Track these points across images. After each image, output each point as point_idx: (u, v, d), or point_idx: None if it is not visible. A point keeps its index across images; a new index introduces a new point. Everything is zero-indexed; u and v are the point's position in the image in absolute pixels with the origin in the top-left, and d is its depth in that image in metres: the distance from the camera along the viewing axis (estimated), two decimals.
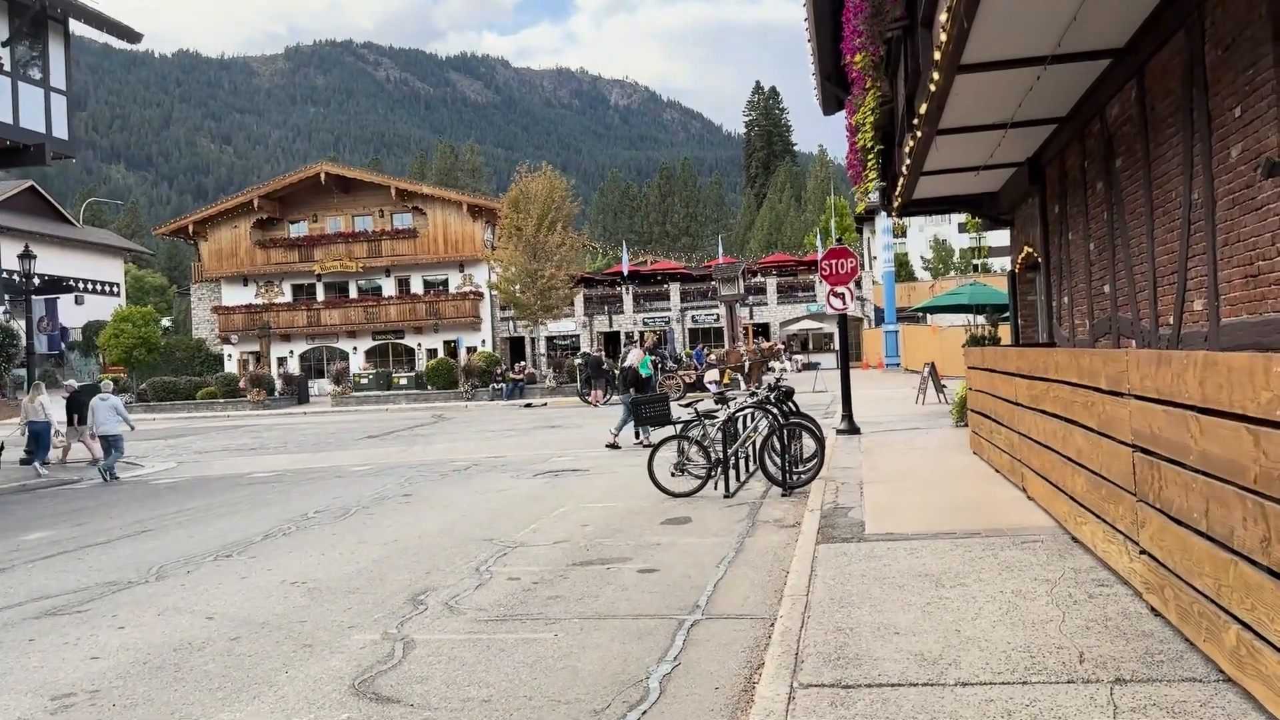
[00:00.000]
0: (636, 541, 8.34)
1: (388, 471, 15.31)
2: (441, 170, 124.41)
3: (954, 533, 7.20)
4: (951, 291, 27.57)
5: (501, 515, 10.18)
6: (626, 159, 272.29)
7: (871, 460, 12.04)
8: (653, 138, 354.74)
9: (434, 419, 29.23)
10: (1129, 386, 4.87)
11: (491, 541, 8.71)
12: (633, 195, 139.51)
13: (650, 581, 6.89)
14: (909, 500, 8.88)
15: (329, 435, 24.82)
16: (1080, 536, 6.32)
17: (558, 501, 10.92)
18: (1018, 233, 15.17)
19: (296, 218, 53.84)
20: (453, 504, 11.22)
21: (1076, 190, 10.93)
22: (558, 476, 13.29)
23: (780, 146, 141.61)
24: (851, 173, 15.89)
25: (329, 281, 52.97)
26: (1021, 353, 8.25)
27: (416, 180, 62.45)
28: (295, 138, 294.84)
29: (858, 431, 15.60)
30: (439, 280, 51.80)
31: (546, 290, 38.98)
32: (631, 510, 10.01)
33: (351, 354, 52.46)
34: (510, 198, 40.16)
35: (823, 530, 7.70)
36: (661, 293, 53.13)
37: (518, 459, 16.08)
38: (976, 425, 11.44)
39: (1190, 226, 7.32)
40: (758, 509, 9.77)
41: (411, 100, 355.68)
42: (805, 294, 50.27)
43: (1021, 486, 8.52)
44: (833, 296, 15.89)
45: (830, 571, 6.27)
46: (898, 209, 15.60)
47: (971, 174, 13.43)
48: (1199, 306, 7.25)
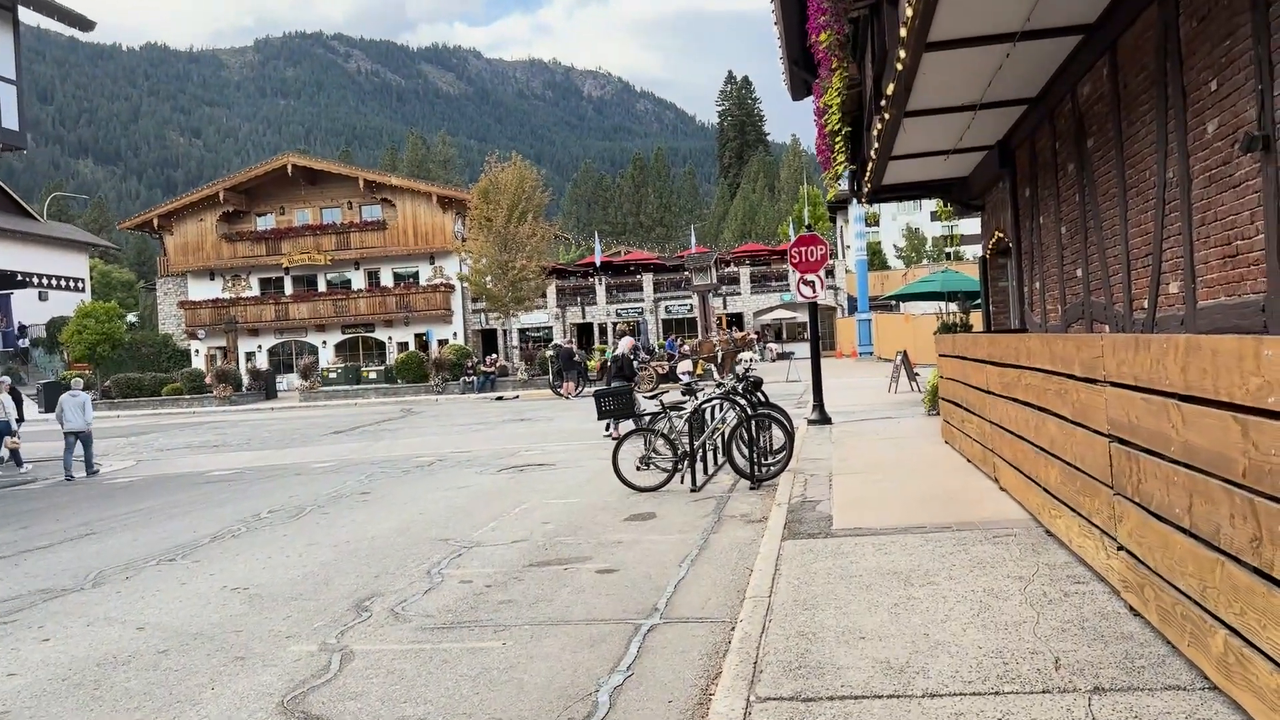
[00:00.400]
0: (597, 540, 8.02)
1: (349, 468, 14.91)
2: (413, 162, 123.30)
3: (924, 527, 6.93)
4: (923, 279, 27.39)
5: (461, 513, 9.83)
6: (600, 150, 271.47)
7: (842, 450, 11.78)
8: (626, 129, 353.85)
9: (402, 413, 28.76)
10: (1105, 373, 4.59)
11: (447, 541, 8.37)
12: (606, 186, 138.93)
13: (609, 583, 6.58)
14: (879, 492, 8.62)
15: (294, 431, 24.33)
16: (1054, 530, 6.06)
17: (520, 498, 10.58)
18: (988, 218, 14.95)
19: (263, 210, 53.02)
20: (412, 502, 10.86)
21: (1047, 173, 10.70)
22: (523, 471, 12.95)
23: (753, 136, 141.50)
24: (821, 158, 15.61)
25: (297, 275, 52.22)
26: (993, 339, 7.99)
27: (386, 172, 61.54)
28: (265, 130, 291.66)
29: (829, 421, 15.35)
30: (409, 273, 51.17)
31: (518, 282, 38.49)
32: (595, 506, 9.69)
33: (321, 348, 51.77)
34: (480, 188, 39.63)
35: (789, 525, 7.41)
36: (634, 283, 52.75)
37: (484, 453, 15.72)
38: (948, 414, 11.20)
39: (1165, 206, 7.08)
40: (725, 503, 9.48)
41: (383, 92, 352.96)
42: (779, 283, 50.07)
43: (994, 477, 8.27)
44: (802, 284, 15.62)
45: (795, 570, 5.97)
46: (867, 195, 15.34)
47: (941, 159, 13.18)
48: (1175, 289, 7.01)
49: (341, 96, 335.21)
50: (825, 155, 15.23)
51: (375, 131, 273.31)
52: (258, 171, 52.39)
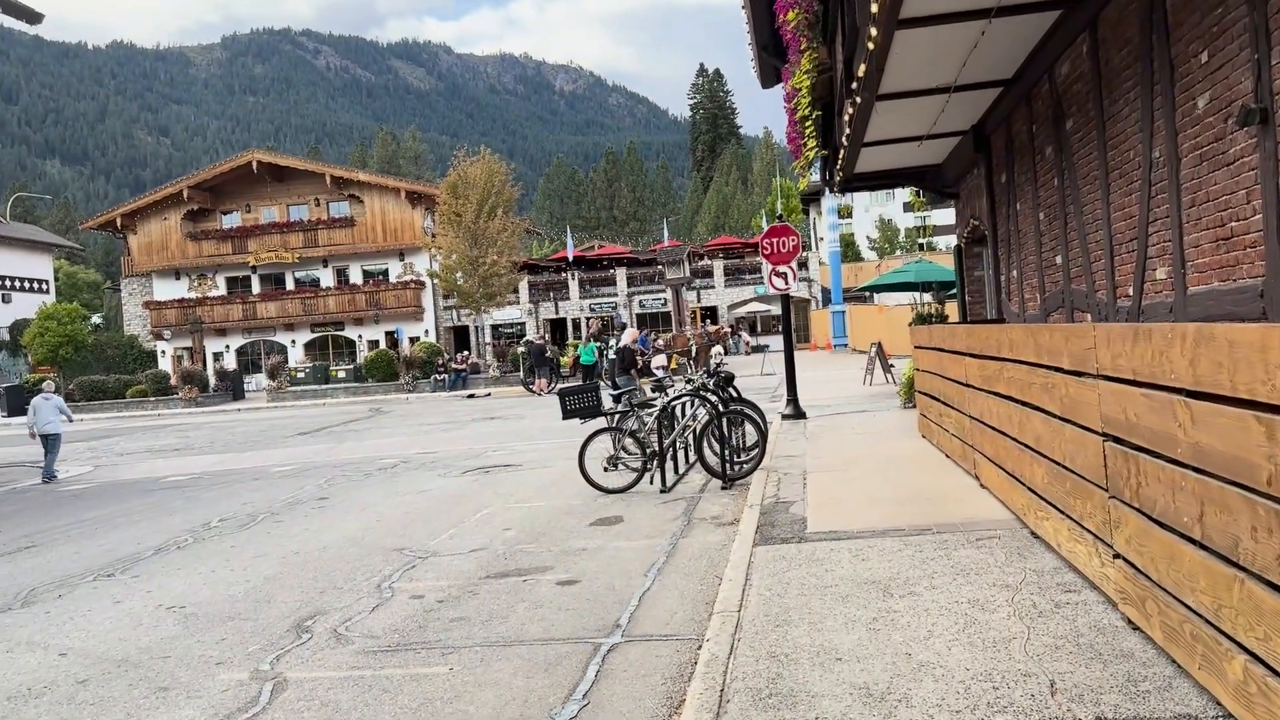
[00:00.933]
0: (560, 547, 7.59)
1: (309, 472, 14.40)
2: (383, 158, 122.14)
3: (903, 529, 6.56)
4: (897, 270, 27.11)
5: (419, 520, 9.37)
6: (573, 144, 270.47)
7: (816, 447, 11.41)
8: (599, 123, 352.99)
9: (370, 413, 28.20)
10: (1097, 366, 4.22)
11: (402, 552, 7.91)
12: (579, 181, 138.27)
13: (569, 596, 6.16)
14: (855, 492, 8.24)
15: (259, 433, 23.73)
16: (1041, 533, 5.70)
17: (482, 502, 10.13)
18: (963, 206, 14.63)
19: (229, 208, 52.10)
20: (369, 508, 10.39)
21: (1024, 157, 10.36)
22: (488, 473, 12.50)
23: (726, 129, 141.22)
24: (791, 146, 15.22)
25: (264, 273, 51.36)
26: (971, 330, 7.63)
27: (353, 168, 60.68)
28: (234, 128, 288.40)
29: (803, 416, 15.00)
30: (379, 270, 50.45)
31: (488, 277, 37.95)
32: (560, 510, 9.27)
33: (290, 347, 50.96)
34: (449, 183, 39.01)
35: (761, 529, 7.02)
36: (608, 278, 52.29)
37: (450, 454, 15.26)
38: (925, 408, 10.86)
39: (1151, 188, 6.73)
40: (695, 504, 9.08)
41: (353, 88, 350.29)
42: (752, 276, 49.76)
43: (974, 474, 7.92)
44: (775, 276, 15.24)
45: (767, 580, 5.57)
46: (839, 184, 14.97)
47: (914, 145, 12.83)
48: (1162, 275, 6.66)
49: (311, 93, 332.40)
50: (796, 143, 14.85)
51: (346, 128, 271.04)
52: (222, 168, 51.44)
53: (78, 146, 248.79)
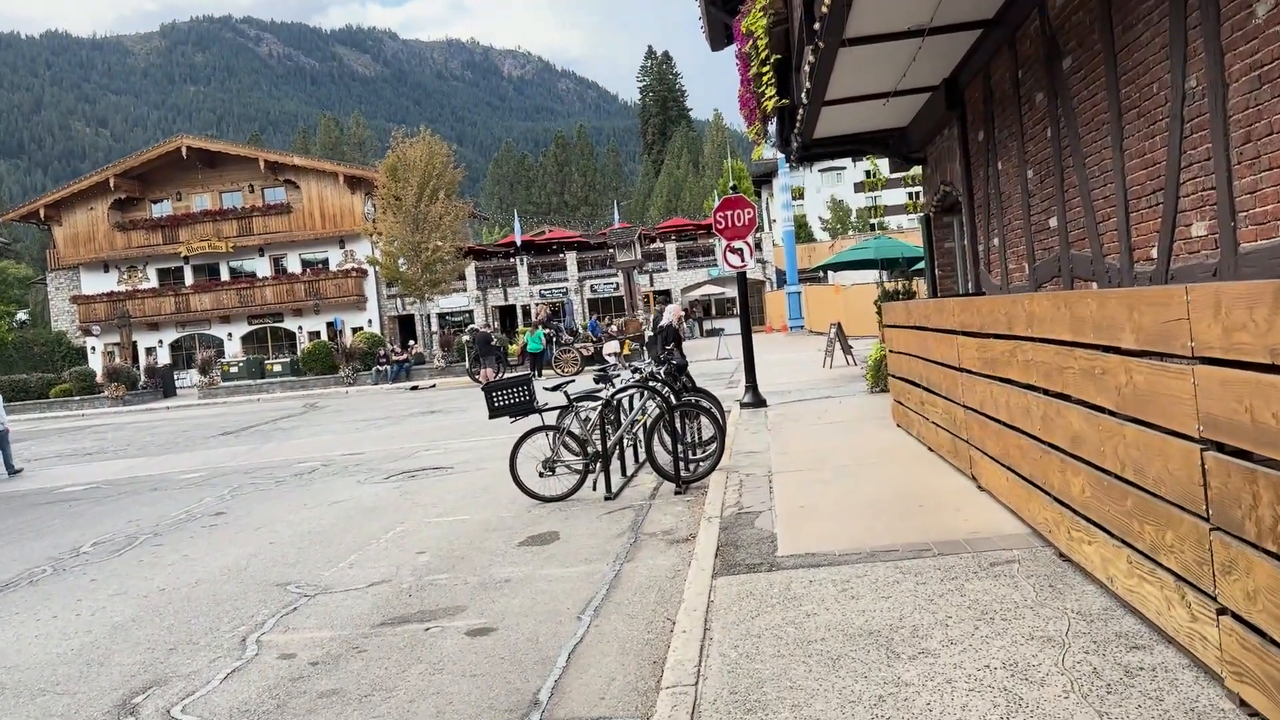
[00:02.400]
0: (480, 577, 6.27)
1: (217, 479, 12.90)
2: (326, 145, 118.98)
3: (895, 549, 5.33)
4: (856, 246, 26.03)
5: (319, 542, 7.98)
6: (522, 130, 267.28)
7: (781, 440, 10.19)
8: (548, 109, 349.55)
9: (304, 409, 26.58)
10: (1193, 344, 2.99)
11: (287, 587, 6.53)
12: (528, 166, 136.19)
13: (479, 653, 4.84)
14: (830, 497, 7.01)
15: (181, 434, 22.06)
16: (1075, 556, 4.49)
17: (399, 516, 8.76)
18: (931, 171, 13.45)
19: (159, 196, 49.78)
20: (267, 525, 8.97)
21: (1007, 109, 9.17)
22: (413, 478, 11.12)
23: (676, 112, 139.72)
24: (744, 111, 13.93)
25: (198, 264, 49.15)
26: (966, 304, 6.42)
27: (288, 152, 58.30)
28: (175, 118, 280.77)
29: (764, 404, 13.80)
30: (318, 258, 48.48)
31: (432, 264, 36.32)
32: (487, 525, 7.93)
33: (226, 340, 48.86)
34: (387, 165, 37.26)
35: (723, 551, 5.76)
36: (558, 263, 50.80)
37: (377, 455, 13.84)
38: (900, 394, 9.68)
39: (1184, 126, 5.54)
40: (644, 514, 7.79)
41: (296, 76, 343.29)
42: (706, 258, 48.58)
43: (970, 473, 6.72)
44: (729, 253, 13.99)
45: (732, 632, 4.30)
46: (797, 151, 13.72)
47: (880, 103, 11.59)
48: (1200, 231, 5.48)
49: (254, 81, 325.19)
50: (749, 106, 13.57)
51: (290, 116, 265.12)
52: (150, 155, 49.08)
53: (13, 139, 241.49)
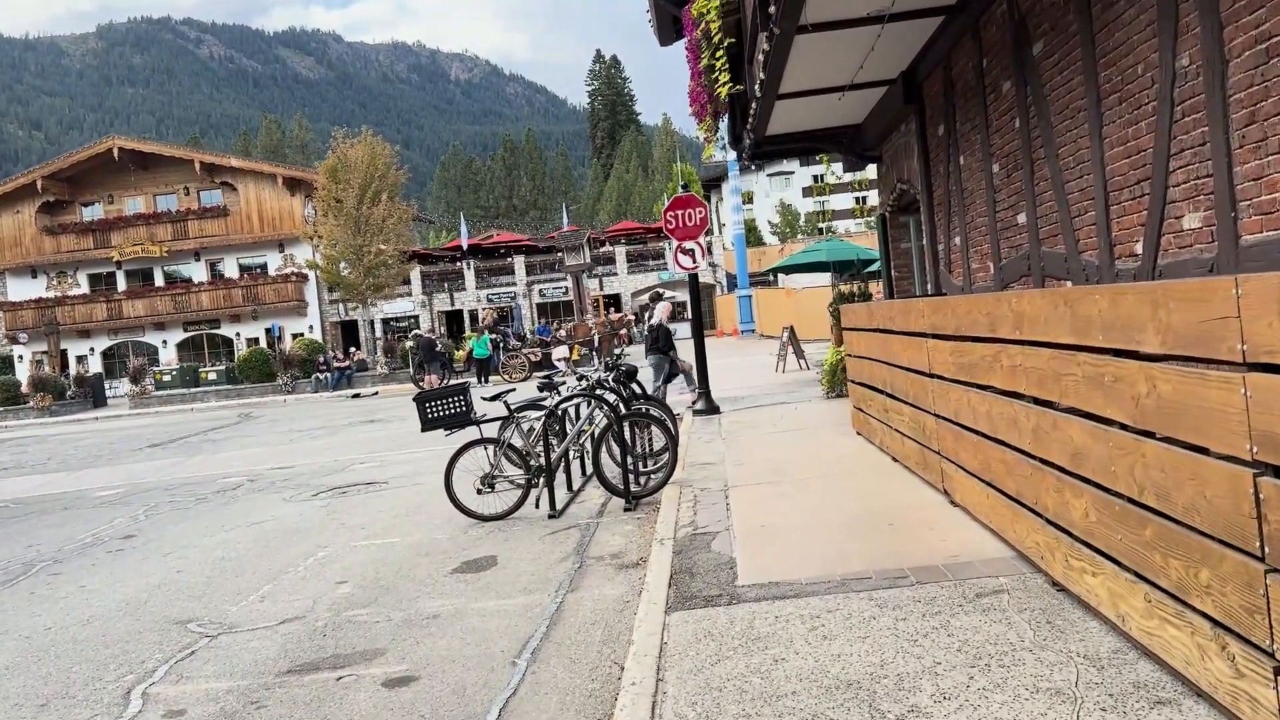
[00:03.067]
0: (405, 613, 5.61)
1: (135, 497, 12.03)
2: (268, 148, 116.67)
3: (868, 576, 4.79)
4: (808, 249, 25.68)
5: (233, 569, 7.25)
6: (470, 134, 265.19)
7: (737, 450, 9.64)
8: (496, 112, 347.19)
9: (238, 419, 25.53)
10: (1246, 347, 2.47)
11: (189, 625, 5.81)
12: (476, 169, 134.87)
13: (397, 708, 4.19)
14: (792, 514, 6.46)
15: (106, 446, 20.96)
16: (1075, 587, 3.98)
17: (324, 539, 8.05)
18: (886, 170, 13.04)
19: (89, 199, 48.00)
20: (179, 550, 8.20)
21: (970, 100, 8.74)
22: (343, 495, 10.38)
23: (625, 116, 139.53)
24: (695, 107, 13.41)
25: (131, 269, 47.48)
26: (938, 304, 5.91)
27: (224, 153, 56.60)
28: (113, 121, 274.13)
29: (717, 410, 13.26)
30: (256, 262, 47.06)
31: (374, 268, 35.36)
32: (418, 549, 7.27)
33: (161, 348, 47.26)
34: (328, 166, 36.21)
35: (677, 580, 5.17)
36: (505, 266, 49.97)
37: (308, 469, 13.06)
38: (861, 400, 9.19)
39: (1174, 109, 5.08)
40: (591, 534, 7.19)
41: (238, 78, 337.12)
42: (656, 262, 48.12)
43: (942, 488, 6.22)
44: (680, 254, 13.44)
45: (689, 684, 3.71)
46: (749, 148, 13.23)
47: (835, 97, 11.13)
48: (1194, 223, 5.03)
49: (194, 84, 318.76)
50: (700, 102, 13.07)
51: (231, 119, 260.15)
52: (80, 156, 47.30)
53: None
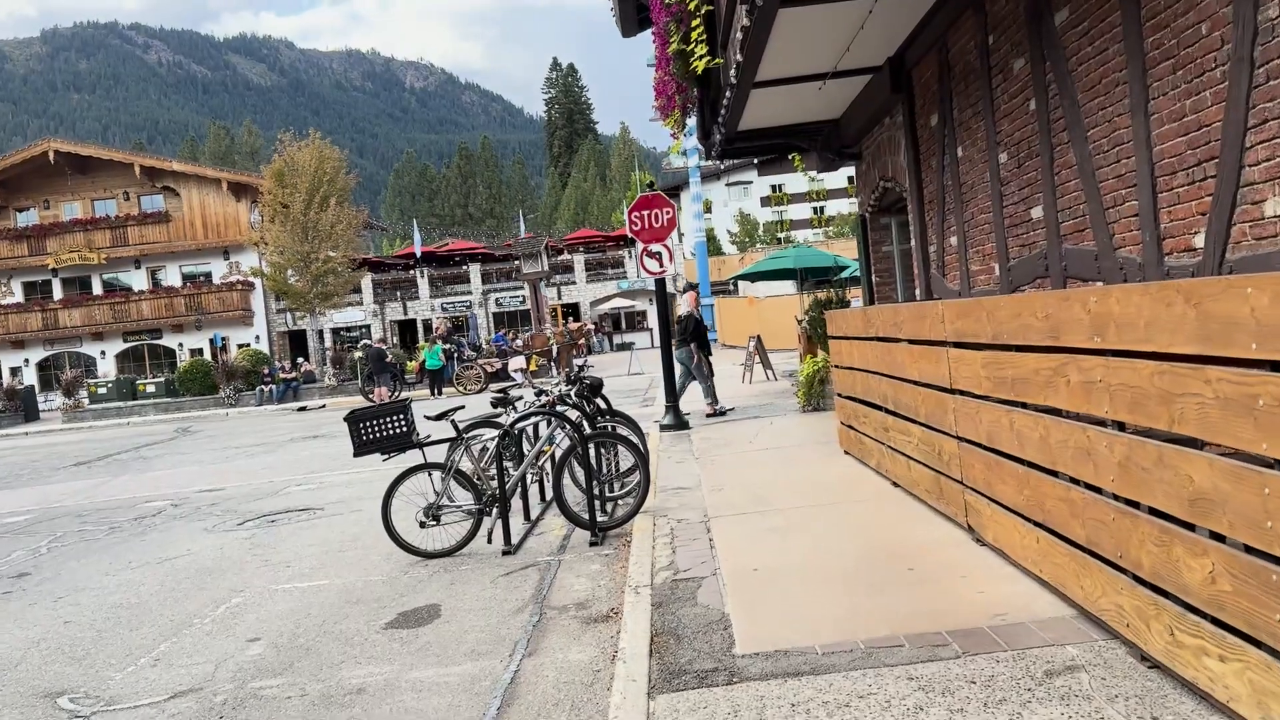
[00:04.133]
0: (323, 686, 4.57)
1: (43, 525, 10.79)
2: (216, 154, 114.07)
3: (898, 642, 3.85)
4: (774, 255, 24.86)
5: (128, 619, 6.14)
6: (426, 143, 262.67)
7: (713, 472, 8.68)
8: (452, 121, 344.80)
9: (175, 434, 24.11)
10: None
11: (59, 700, 4.71)
12: (431, 177, 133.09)
13: None
14: (789, 553, 5.52)
15: (29, 464, 19.52)
16: (1184, 670, 3.07)
17: (241, 580, 6.96)
18: (867, 168, 12.20)
19: (24, 204, 46.00)
20: (74, 593, 7.06)
21: (972, 84, 7.89)
22: (273, 524, 9.27)
23: (582, 125, 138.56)
24: (661, 101, 12.47)
25: (67, 276, 45.53)
26: (968, 307, 5.00)
27: (166, 157, 54.54)
28: (58, 127, 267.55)
29: (686, 425, 12.32)
30: (200, 270, 45.36)
31: (322, 275, 34.00)
32: (349, 595, 6.22)
33: (99, 359, 45.38)
34: (273, 170, 34.77)
35: (659, 646, 4.20)
36: (461, 275, 48.71)
37: (239, 492, 11.90)
38: (852, 416, 8.29)
39: (1254, 72, 4.23)
40: (552, 576, 6.19)
41: (187, 84, 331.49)
42: (615, 271, 47.16)
43: (965, 523, 5.31)
44: (647, 257, 12.49)
45: None
46: (719, 145, 12.30)
47: (815, 87, 10.27)
48: (1276, 210, 4.17)
49: (142, 90, 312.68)
50: (667, 94, 12.15)
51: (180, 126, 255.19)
52: (13, 160, 45.28)
53: None
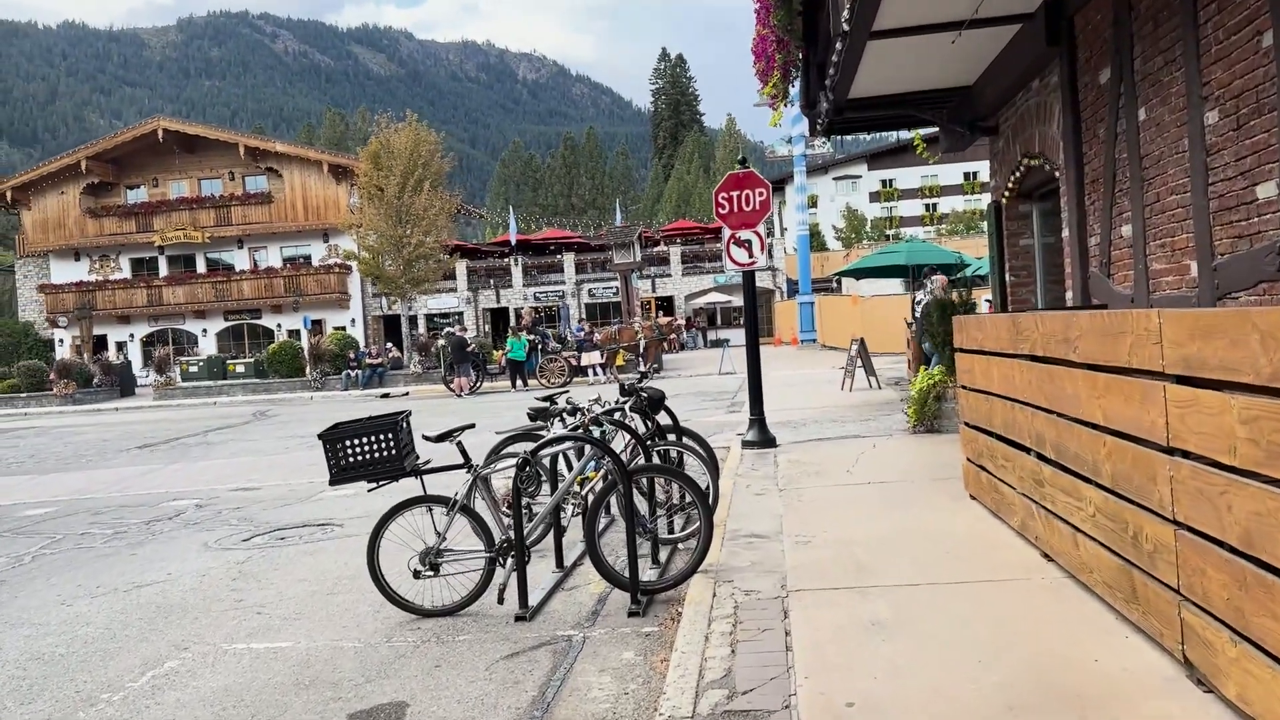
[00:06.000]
0: None
1: (49, 523, 9.74)
2: (330, 140, 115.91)
3: None
4: (884, 250, 22.80)
5: (33, 687, 4.77)
6: (535, 134, 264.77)
7: (799, 513, 6.94)
8: (562, 113, 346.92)
9: (252, 417, 23.43)
10: None
11: None
12: (536, 166, 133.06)
13: None
14: (902, 675, 3.79)
15: (99, 443, 18.95)
16: None
17: (197, 630, 5.56)
18: (1005, 144, 10.22)
19: (134, 182, 46.84)
20: (5, 630, 5.78)
21: (1165, 22, 5.97)
22: (280, 542, 7.93)
23: (688, 116, 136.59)
24: (760, 65, 10.78)
25: (172, 254, 46.17)
26: (1215, 321, 3.21)
27: (272, 138, 54.80)
28: (190, 112, 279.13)
29: (772, 443, 10.58)
30: (300, 252, 45.39)
31: (414, 260, 33.22)
32: (307, 670, 4.73)
33: (201, 337, 45.87)
34: (370, 152, 34.12)
35: None
36: (554, 264, 47.63)
37: (272, 494, 10.68)
38: (983, 454, 6.46)
39: None
40: (567, 669, 4.58)
41: (311, 73, 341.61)
42: (712, 264, 45.34)
43: (1180, 653, 3.50)
44: (734, 245, 10.77)
45: None
46: (827, 113, 10.47)
47: (947, 41, 8.40)
48: None
49: (269, 78, 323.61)
50: (768, 55, 10.44)
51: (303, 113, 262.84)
52: (125, 137, 46.08)
53: (27, 129, 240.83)
